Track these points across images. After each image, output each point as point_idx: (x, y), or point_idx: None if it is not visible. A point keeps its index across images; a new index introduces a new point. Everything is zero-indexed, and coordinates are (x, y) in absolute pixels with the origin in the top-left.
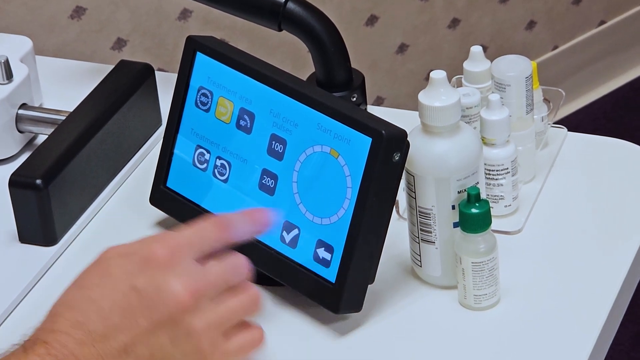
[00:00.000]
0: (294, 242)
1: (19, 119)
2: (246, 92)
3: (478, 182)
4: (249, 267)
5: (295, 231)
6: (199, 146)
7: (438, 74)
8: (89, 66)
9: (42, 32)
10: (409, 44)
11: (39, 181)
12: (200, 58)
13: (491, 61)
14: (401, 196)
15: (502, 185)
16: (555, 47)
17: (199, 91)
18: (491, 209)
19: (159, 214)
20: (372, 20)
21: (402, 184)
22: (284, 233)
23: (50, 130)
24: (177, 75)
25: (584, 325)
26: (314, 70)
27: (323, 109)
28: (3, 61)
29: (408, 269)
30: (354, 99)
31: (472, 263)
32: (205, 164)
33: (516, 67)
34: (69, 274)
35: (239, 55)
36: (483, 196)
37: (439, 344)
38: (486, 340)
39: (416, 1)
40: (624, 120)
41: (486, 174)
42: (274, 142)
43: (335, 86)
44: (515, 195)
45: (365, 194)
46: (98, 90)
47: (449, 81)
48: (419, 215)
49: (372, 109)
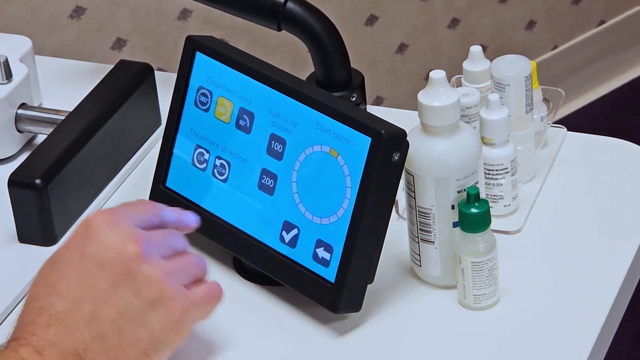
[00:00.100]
0: (293, 241)
1: (18, 118)
2: (246, 91)
3: (477, 182)
4: (184, 236)
5: (295, 231)
6: (199, 146)
7: (437, 74)
8: (88, 66)
9: (41, 32)
10: (409, 43)
11: (38, 181)
12: (200, 58)
13: (491, 61)
14: (401, 196)
15: (501, 185)
16: (555, 47)
17: (198, 91)
18: (491, 208)
19: None
20: (371, 20)
21: (402, 183)
22: (284, 233)
23: (49, 130)
24: (176, 75)
25: (583, 325)
26: (313, 70)
27: (322, 108)
28: (2, 61)
29: (407, 268)
30: (354, 98)
31: (472, 263)
32: (205, 164)
33: (516, 67)
34: None
35: (238, 55)
36: (482, 196)
37: (439, 343)
38: (486, 340)
39: (416, 1)
40: (623, 120)
41: (486, 173)
42: (273, 142)
43: (334, 86)
44: (515, 195)
45: (364, 194)
46: (97, 90)
47: (449, 81)
48: (418, 215)
49: (372, 109)
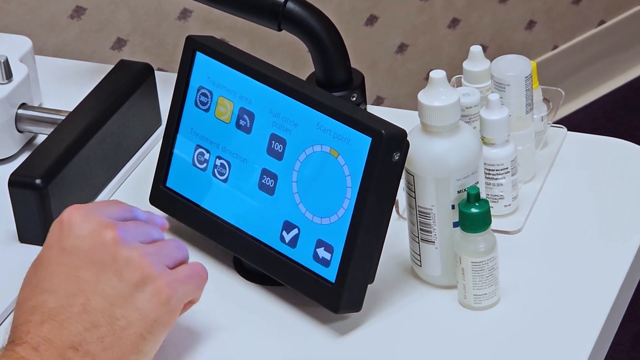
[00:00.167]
0: (293, 241)
1: (18, 118)
2: (246, 91)
3: (478, 182)
4: (160, 230)
5: (295, 231)
6: (199, 146)
7: (438, 74)
8: (88, 66)
9: (41, 32)
10: (409, 43)
11: (38, 181)
12: (200, 58)
13: (491, 61)
14: (401, 196)
15: (501, 184)
16: (555, 47)
17: (198, 91)
18: (491, 208)
19: (158, 213)
20: (371, 20)
21: (402, 183)
22: (284, 233)
23: (49, 130)
24: (176, 75)
25: (584, 325)
26: (313, 70)
27: (323, 108)
28: (2, 61)
29: (408, 268)
30: (354, 98)
31: (472, 263)
32: (205, 164)
33: (516, 67)
34: None
35: (238, 55)
36: (483, 196)
37: (439, 343)
38: (486, 340)
39: (416, 1)
40: (623, 120)
41: (486, 173)
42: (273, 142)
43: (335, 86)
44: (515, 195)
45: (365, 194)
46: (98, 90)
47: (449, 81)
48: (418, 215)
49: (372, 109)
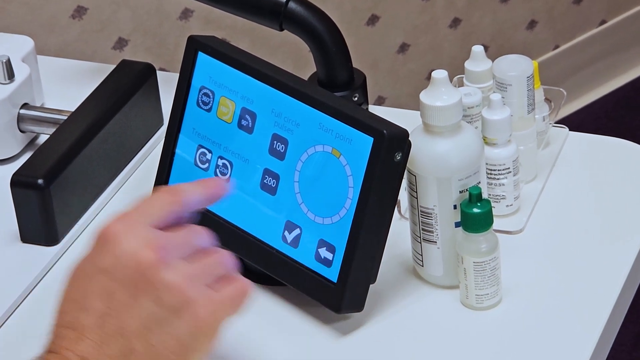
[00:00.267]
0: (295, 241)
1: (20, 118)
2: (248, 91)
3: (479, 182)
4: (209, 232)
5: (297, 231)
6: (201, 146)
7: (439, 74)
8: (90, 66)
9: (43, 32)
10: (410, 43)
11: (40, 181)
12: (202, 58)
13: (492, 61)
14: (403, 196)
15: (503, 184)
16: (557, 47)
17: (200, 91)
18: (493, 208)
19: None
20: (373, 20)
21: (404, 183)
22: (286, 233)
23: (51, 130)
24: (178, 74)
25: (585, 325)
26: (315, 70)
27: (324, 108)
28: (5, 61)
29: (410, 268)
30: (356, 98)
31: (474, 263)
32: (207, 164)
33: (517, 67)
34: None
35: (240, 55)
36: (485, 196)
37: (441, 343)
38: (488, 340)
39: (417, 1)
40: (625, 120)
41: (488, 173)
42: (275, 142)
43: (336, 86)
44: (517, 195)
45: (366, 194)
46: (99, 90)
47: (450, 81)
48: (420, 215)
49: (374, 109)
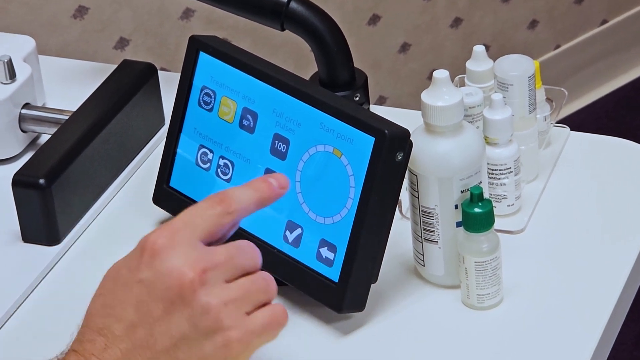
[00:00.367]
0: (297, 241)
1: (22, 118)
2: (249, 91)
3: (481, 182)
4: (257, 250)
5: (299, 230)
6: (202, 146)
7: (441, 74)
8: (91, 66)
9: (44, 32)
10: (411, 43)
11: (42, 181)
12: (203, 58)
13: (494, 61)
14: (404, 196)
15: (504, 184)
16: (558, 47)
17: (202, 91)
18: (494, 208)
19: (162, 213)
20: (374, 20)
21: (405, 183)
22: (287, 232)
23: (53, 130)
24: (180, 74)
25: (586, 325)
26: (316, 69)
27: (326, 108)
28: (6, 61)
29: (411, 268)
30: (357, 98)
31: (475, 262)
32: (209, 164)
33: (519, 67)
34: (71, 273)
35: (241, 55)
36: (486, 195)
37: (442, 343)
38: (489, 340)
39: (418, 0)
40: (626, 120)
41: (489, 173)
42: (277, 142)
43: (337, 86)
44: (518, 195)
45: (368, 194)
46: (101, 89)
47: (452, 81)
48: (421, 215)
49: (375, 109)
